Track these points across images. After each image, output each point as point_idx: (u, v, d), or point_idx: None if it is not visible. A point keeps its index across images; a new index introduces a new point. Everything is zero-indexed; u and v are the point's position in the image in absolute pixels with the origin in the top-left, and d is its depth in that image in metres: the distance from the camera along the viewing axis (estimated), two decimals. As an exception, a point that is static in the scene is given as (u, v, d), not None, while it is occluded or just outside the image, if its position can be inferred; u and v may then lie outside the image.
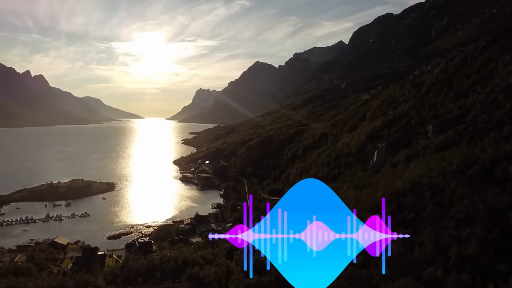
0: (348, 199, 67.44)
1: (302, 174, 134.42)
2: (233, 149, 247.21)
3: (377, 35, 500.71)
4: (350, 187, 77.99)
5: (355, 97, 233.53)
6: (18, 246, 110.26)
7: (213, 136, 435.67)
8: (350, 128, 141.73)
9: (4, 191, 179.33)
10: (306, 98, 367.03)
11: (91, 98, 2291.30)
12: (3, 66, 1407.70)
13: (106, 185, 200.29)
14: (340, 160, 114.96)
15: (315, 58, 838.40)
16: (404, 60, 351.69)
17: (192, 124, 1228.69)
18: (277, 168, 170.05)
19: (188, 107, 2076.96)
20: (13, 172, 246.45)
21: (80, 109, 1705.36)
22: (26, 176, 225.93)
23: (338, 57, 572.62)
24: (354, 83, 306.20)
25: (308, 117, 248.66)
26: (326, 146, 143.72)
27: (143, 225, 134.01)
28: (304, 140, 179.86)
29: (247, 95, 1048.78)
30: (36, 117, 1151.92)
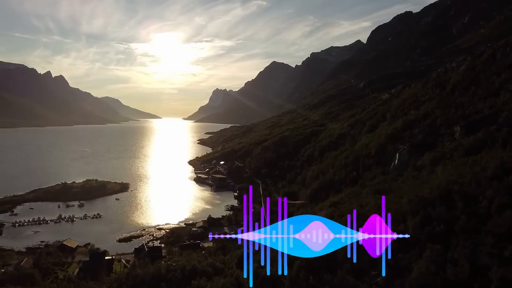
0: (368, 206, 62.29)
1: (319, 176, 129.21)
2: (248, 150, 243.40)
3: (395, 34, 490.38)
4: (370, 192, 72.63)
5: (374, 97, 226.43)
6: (28, 248, 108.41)
7: (228, 136, 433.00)
8: (369, 129, 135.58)
9: (19, 191, 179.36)
10: (323, 97, 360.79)
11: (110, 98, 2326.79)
12: (25, 67, 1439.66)
13: (120, 186, 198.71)
14: (358, 162, 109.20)
15: (332, 58, 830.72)
16: (424, 58, 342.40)
17: (209, 124, 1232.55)
18: (293, 169, 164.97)
19: (204, 107, 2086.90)
20: (30, 171, 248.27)
21: (99, 109, 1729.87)
22: (41, 176, 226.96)
23: (356, 56, 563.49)
24: (373, 82, 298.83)
25: (325, 117, 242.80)
26: (344, 147, 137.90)
27: (154, 228, 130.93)
28: (320, 141, 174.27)
29: (264, 95, 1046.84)
30: (56, 117, 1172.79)
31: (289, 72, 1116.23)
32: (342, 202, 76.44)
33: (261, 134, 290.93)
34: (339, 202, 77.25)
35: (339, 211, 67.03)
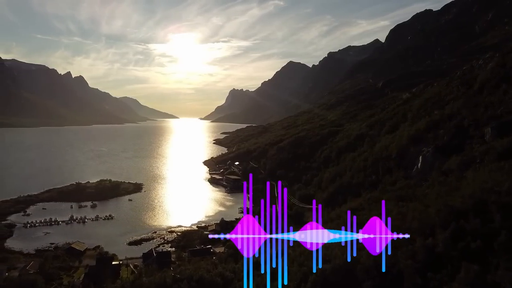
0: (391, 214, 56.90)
1: (336, 179, 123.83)
2: (264, 150, 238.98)
3: (415, 33, 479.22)
4: (392, 198, 67.25)
5: (393, 96, 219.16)
6: (37, 250, 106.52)
7: (244, 136, 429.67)
8: (389, 130, 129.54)
9: (35, 190, 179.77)
10: (340, 97, 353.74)
11: (128, 98, 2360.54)
12: (46, 68, 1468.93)
13: (133, 186, 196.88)
14: (378, 165, 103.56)
15: (350, 57, 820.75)
16: (445, 57, 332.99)
17: (225, 124, 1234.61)
18: (309, 171, 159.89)
19: (221, 107, 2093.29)
20: (46, 170, 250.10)
21: (117, 109, 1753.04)
22: (57, 175, 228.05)
23: (374, 55, 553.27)
24: (392, 82, 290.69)
25: (343, 117, 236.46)
26: (362, 148, 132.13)
27: (166, 230, 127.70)
28: (338, 142, 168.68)
29: (280, 95, 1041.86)
30: (76, 117, 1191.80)
31: (306, 72, 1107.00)
32: (361, 208, 71.19)
33: (277, 135, 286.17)
34: (358, 209, 71.99)
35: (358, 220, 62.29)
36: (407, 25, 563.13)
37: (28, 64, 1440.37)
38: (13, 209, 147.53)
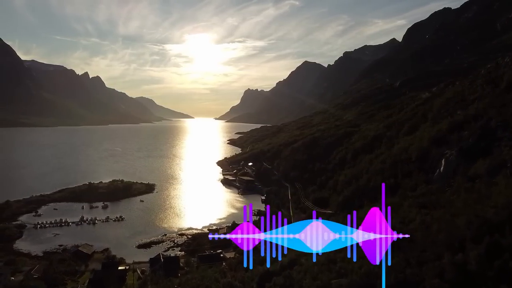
0: (413, 223, 52.48)
1: (352, 182, 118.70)
2: (277, 151, 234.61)
3: (433, 31, 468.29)
4: (413, 205, 62.41)
5: (412, 96, 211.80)
6: (44, 252, 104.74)
7: (258, 136, 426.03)
8: (408, 131, 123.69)
9: (48, 190, 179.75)
10: (356, 97, 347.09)
11: (144, 98, 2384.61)
12: (64, 68, 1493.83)
13: (146, 186, 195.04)
14: (397, 167, 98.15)
15: (366, 57, 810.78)
16: (465, 55, 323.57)
17: (240, 124, 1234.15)
18: (324, 173, 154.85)
19: (236, 107, 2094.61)
20: (60, 169, 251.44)
21: (133, 109, 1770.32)
22: (71, 174, 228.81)
23: (391, 55, 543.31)
24: (410, 81, 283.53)
25: (359, 118, 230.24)
26: (380, 150, 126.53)
27: (176, 233, 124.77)
28: (354, 143, 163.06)
29: (295, 95, 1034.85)
30: (92, 117, 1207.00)
31: (321, 72, 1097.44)
32: (380, 215, 67.02)
33: (291, 135, 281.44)
34: (376, 215, 67.93)
35: (377, 227, 57.82)
36: (425, 24, 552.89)
37: (46, 65, 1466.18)
38: (24, 209, 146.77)
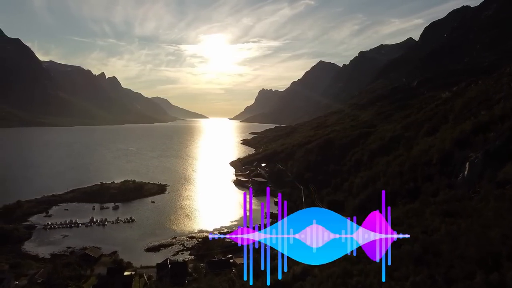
0: (438, 234, 47.86)
1: (368, 184, 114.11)
2: (291, 152, 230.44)
3: (452, 30, 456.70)
4: (436, 212, 57.67)
5: (431, 96, 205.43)
6: (52, 254, 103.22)
7: (272, 136, 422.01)
8: (427, 131, 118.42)
9: (60, 190, 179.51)
10: (372, 97, 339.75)
11: (160, 98, 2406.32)
12: (81, 69, 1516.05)
13: (157, 187, 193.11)
14: (416, 170, 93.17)
15: (382, 56, 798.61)
16: (486, 54, 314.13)
17: (254, 124, 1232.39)
18: (339, 175, 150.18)
19: (250, 107, 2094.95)
20: (73, 168, 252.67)
21: (148, 109, 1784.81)
22: (83, 173, 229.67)
23: (407, 54, 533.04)
24: (428, 81, 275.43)
25: (375, 118, 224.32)
26: (398, 152, 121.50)
27: (186, 236, 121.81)
28: (370, 144, 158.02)
29: (310, 95, 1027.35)
30: (108, 116, 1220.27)
31: (336, 72, 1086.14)
32: (399, 223, 61.86)
33: (305, 135, 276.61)
34: (395, 223, 62.98)
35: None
36: (443, 23, 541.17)
37: (64, 65, 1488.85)
38: (35, 210, 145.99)
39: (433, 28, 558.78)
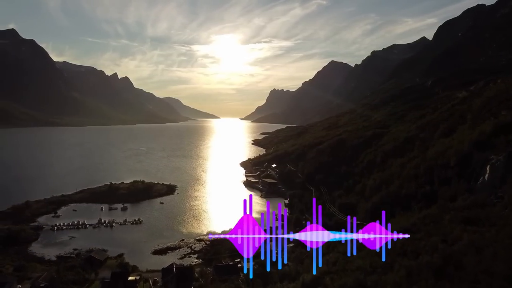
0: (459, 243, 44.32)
1: (381, 187, 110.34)
2: (302, 152, 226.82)
3: (467, 29, 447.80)
4: (455, 219, 53.98)
5: (446, 95, 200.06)
6: (58, 256, 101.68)
7: (283, 137, 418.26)
8: (444, 132, 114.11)
9: (70, 189, 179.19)
10: (385, 97, 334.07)
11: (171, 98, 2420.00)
12: (94, 69, 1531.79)
13: (167, 188, 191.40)
14: (433, 173, 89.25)
15: (394, 56, 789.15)
16: (502, 53, 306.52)
17: (265, 124, 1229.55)
18: (351, 177, 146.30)
19: (261, 107, 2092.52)
20: (83, 168, 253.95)
21: (160, 109, 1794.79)
22: (93, 173, 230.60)
23: (421, 54, 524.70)
24: (443, 80, 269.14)
25: (388, 118, 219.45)
26: (413, 153, 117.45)
27: (194, 238, 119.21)
28: (383, 145, 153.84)
29: (321, 95, 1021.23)
30: (120, 116, 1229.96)
31: (348, 72, 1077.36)
32: (416, 229, 58.18)
33: (317, 136, 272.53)
34: (411, 229, 59.15)
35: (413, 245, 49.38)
36: (457, 21, 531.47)
37: (77, 66, 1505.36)
38: (44, 210, 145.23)
39: (447, 27, 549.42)
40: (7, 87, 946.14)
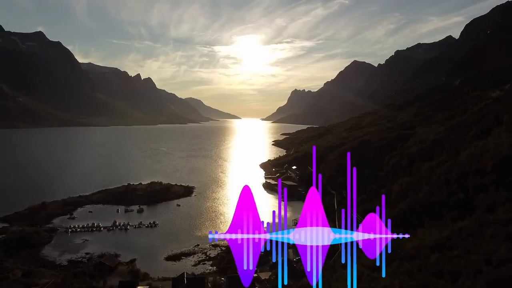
0: (507, 266, 37.85)
1: (408, 193, 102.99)
2: (323, 154, 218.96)
3: (496, 26, 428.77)
4: (498, 235, 47.35)
5: (476, 95, 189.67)
6: (69, 261, 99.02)
7: (304, 138, 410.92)
8: (477, 135, 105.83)
9: (88, 190, 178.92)
10: (410, 97, 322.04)
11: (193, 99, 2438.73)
12: (118, 70, 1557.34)
13: (184, 189, 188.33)
14: (466, 179, 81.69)
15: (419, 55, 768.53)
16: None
17: (286, 124, 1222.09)
18: (374, 181, 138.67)
19: (283, 108, 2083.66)
20: (103, 167, 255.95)
21: (182, 109, 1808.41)
22: (112, 173, 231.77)
23: (447, 53, 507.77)
24: (472, 79, 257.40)
25: (414, 119, 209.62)
26: (442, 157, 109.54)
27: (210, 244, 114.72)
28: (409, 148, 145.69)
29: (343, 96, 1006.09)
30: (143, 117, 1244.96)
31: (371, 72, 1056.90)
32: (451, 245, 51.82)
33: (339, 137, 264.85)
34: (445, 244, 52.76)
35: (451, 265, 43.12)
36: (485, 19, 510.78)
37: (102, 67, 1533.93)
38: (60, 211, 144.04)
39: (475, 25, 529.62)
40: (35, 88, 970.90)
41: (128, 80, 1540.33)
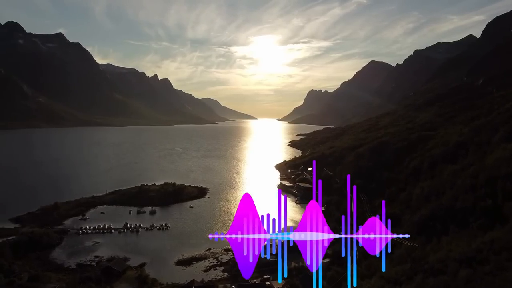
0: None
1: (431, 197, 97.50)
2: (340, 156, 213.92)
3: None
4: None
5: (501, 95, 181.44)
6: (78, 264, 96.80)
7: (320, 138, 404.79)
8: (505, 137, 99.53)
9: (101, 190, 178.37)
10: (430, 97, 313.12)
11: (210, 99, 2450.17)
12: (136, 71, 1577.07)
13: (198, 191, 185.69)
14: (495, 185, 76.03)
15: (439, 55, 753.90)
16: None
17: (302, 125, 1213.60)
18: (394, 184, 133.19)
19: (299, 108, 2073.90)
20: (117, 167, 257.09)
21: (198, 109, 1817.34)
22: (126, 173, 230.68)
23: (468, 52, 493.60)
24: (496, 79, 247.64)
25: (435, 120, 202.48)
26: (467, 160, 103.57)
27: (222, 248, 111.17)
28: (431, 150, 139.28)
29: (361, 96, 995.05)
30: (160, 117, 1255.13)
31: (389, 72, 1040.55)
32: (482, 258, 46.93)
33: (356, 138, 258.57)
34: (476, 258, 47.87)
35: (484, 283, 38.40)
36: (508, 17, 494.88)
37: (120, 68, 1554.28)
38: (72, 212, 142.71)
39: (497, 23, 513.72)
40: (54, 88, 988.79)
41: (145, 81, 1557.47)
